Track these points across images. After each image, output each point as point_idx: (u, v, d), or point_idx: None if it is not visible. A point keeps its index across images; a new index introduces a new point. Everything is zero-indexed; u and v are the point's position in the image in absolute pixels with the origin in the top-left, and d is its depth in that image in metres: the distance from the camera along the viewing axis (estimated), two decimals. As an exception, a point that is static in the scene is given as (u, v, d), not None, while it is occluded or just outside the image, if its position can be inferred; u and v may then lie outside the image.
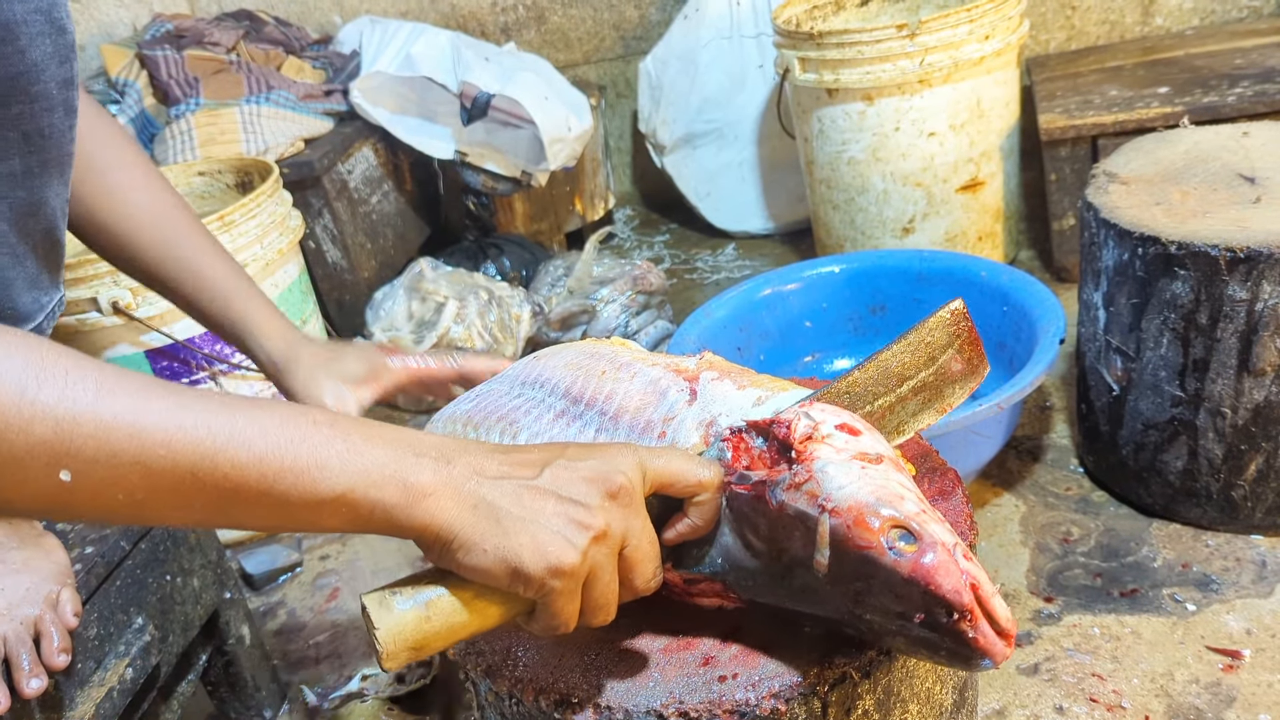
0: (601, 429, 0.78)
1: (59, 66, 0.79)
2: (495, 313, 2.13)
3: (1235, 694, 1.14)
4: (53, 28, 0.78)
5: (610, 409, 0.79)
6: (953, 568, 0.58)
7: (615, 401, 0.80)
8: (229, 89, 2.19)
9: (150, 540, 1.17)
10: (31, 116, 0.78)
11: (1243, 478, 1.33)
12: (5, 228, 0.81)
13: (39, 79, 0.78)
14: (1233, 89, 1.90)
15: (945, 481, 0.85)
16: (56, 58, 0.79)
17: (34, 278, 0.85)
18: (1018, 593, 1.35)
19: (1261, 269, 1.21)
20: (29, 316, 0.85)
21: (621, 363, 0.83)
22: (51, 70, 0.79)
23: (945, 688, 0.75)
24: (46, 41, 0.78)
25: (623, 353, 0.86)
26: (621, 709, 0.67)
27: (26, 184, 0.81)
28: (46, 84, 0.78)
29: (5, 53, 0.74)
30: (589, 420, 0.80)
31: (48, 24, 0.77)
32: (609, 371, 0.83)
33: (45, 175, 0.83)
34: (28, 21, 0.75)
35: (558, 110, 2.31)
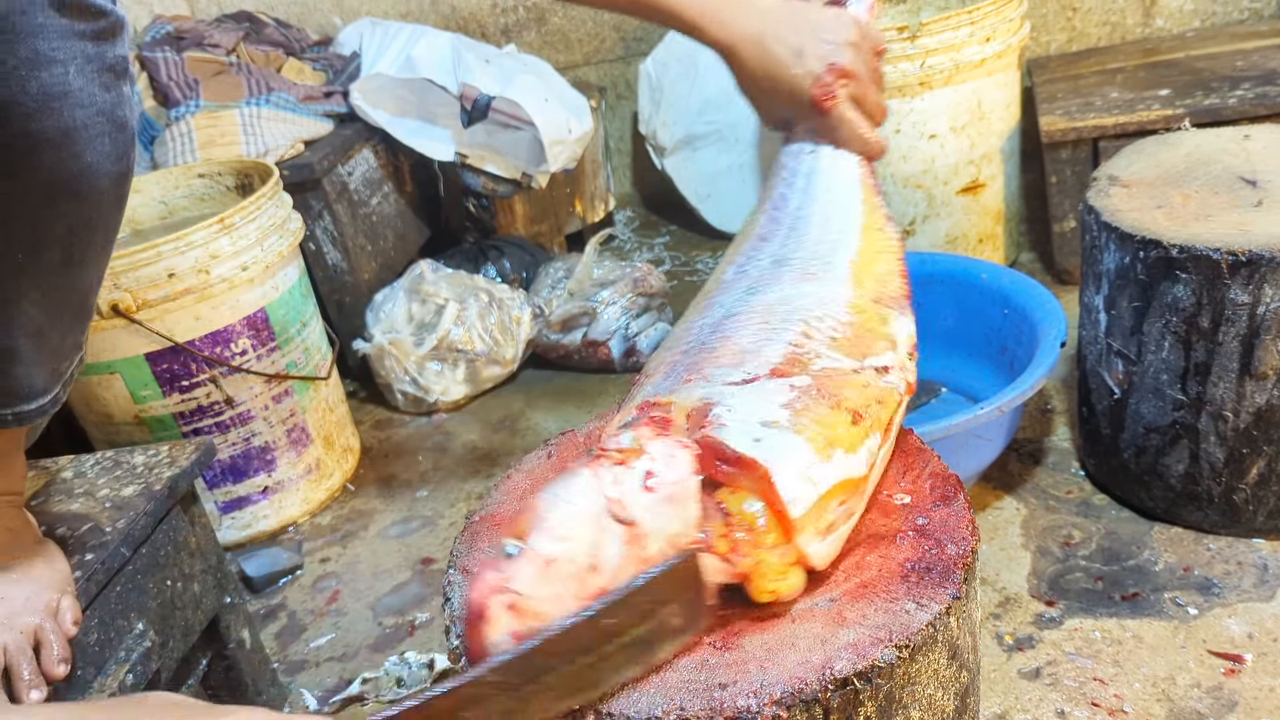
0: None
1: (115, 163, 0.78)
2: (495, 315, 2.12)
3: (1237, 698, 1.14)
4: (114, 126, 0.77)
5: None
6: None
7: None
8: (229, 91, 2.19)
9: (151, 545, 1.17)
10: (79, 213, 0.78)
11: (1244, 481, 1.33)
12: (35, 313, 0.80)
13: (93, 179, 0.77)
14: (1234, 91, 1.90)
15: (947, 486, 0.84)
16: (114, 155, 0.78)
17: (55, 351, 0.85)
18: (1019, 596, 1.35)
19: (1263, 272, 1.20)
20: (46, 390, 0.87)
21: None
22: (106, 168, 0.78)
23: (947, 694, 0.75)
24: (105, 141, 0.76)
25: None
26: (623, 715, 0.67)
27: (64, 272, 0.80)
28: (100, 182, 0.78)
29: (59, 158, 0.74)
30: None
31: (109, 124, 0.76)
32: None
33: (85, 261, 0.82)
34: (88, 126, 0.74)
35: (558, 112, 2.30)
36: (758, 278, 0.95)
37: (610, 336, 2.14)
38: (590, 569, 0.67)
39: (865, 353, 0.85)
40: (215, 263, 1.60)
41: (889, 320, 0.89)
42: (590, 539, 0.68)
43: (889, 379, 0.84)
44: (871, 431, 0.79)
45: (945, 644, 0.72)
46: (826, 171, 1.03)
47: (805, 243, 0.98)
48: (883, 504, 0.84)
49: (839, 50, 1.00)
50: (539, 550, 0.66)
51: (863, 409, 0.79)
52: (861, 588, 0.75)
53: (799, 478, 0.72)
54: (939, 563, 0.76)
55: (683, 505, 0.72)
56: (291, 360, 1.77)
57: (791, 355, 0.83)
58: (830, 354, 0.84)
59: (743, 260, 1.00)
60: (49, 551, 1.00)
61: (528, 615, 0.64)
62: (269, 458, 1.76)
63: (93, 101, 0.74)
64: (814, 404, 0.78)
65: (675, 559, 0.69)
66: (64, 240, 0.79)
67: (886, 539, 0.80)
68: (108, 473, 1.24)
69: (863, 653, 0.68)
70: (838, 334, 0.86)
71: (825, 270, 0.93)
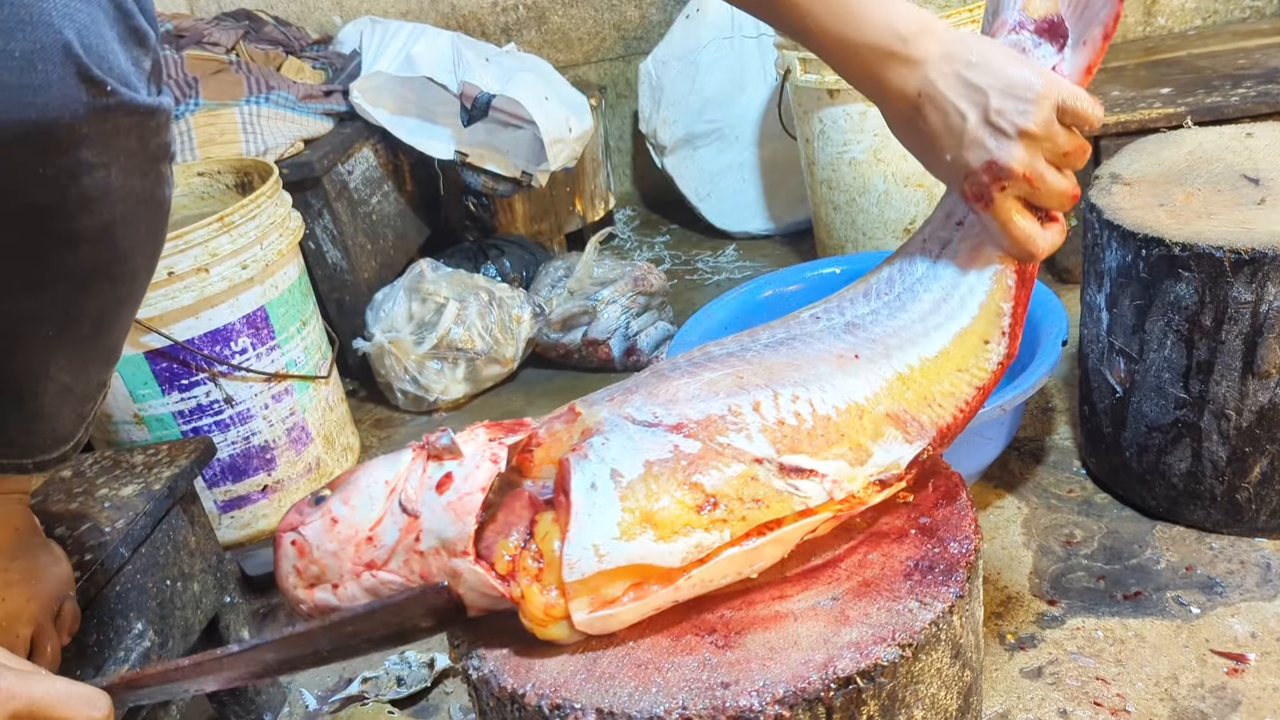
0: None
1: (150, 242, 0.79)
2: (495, 314, 2.12)
3: (1240, 698, 1.13)
4: (151, 208, 0.76)
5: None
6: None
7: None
8: (228, 89, 2.18)
9: (150, 545, 1.16)
10: (113, 292, 0.78)
11: (1247, 480, 1.32)
12: (67, 379, 0.80)
13: (127, 262, 0.77)
14: (1236, 89, 1.90)
15: (950, 485, 0.84)
16: (150, 235, 0.78)
17: (81, 398, 0.85)
18: (1021, 595, 1.34)
19: (1266, 270, 1.20)
20: (69, 436, 0.87)
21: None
22: (140, 248, 0.78)
23: (950, 692, 0.74)
24: (142, 226, 0.76)
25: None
26: (624, 714, 0.67)
27: (94, 340, 0.81)
28: (135, 264, 0.78)
29: (96, 250, 0.73)
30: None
31: (146, 207, 0.76)
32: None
33: (115, 327, 0.82)
34: (125, 217, 0.74)
35: (558, 111, 2.30)
36: (809, 333, 0.87)
37: (610, 335, 2.14)
38: (367, 540, 0.74)
39: (801, 450, 0.75)
40: (215, 261, 1.60)
41: (883, 440, 0.78)
42: (374, 515, 0.74)
43: (801, 486, 0.74)
44: (719, 527, 0.71)
45: (948, 643, 0.72)
46: (964, 254, 0.85)
47: (891, 324, 0.85)
48: (886, 502, 0.84)
49: (1009, 145, 0.77)
50: (330, 508, 0.75)
51: (722, 500, 0.72)
52: (864, 586, 0.74)
53: (586, 545, 0.70)
54: (942, 561, 0.75)
55: (462, 516, 0.73)
56: (291, 359, 1.77)
57: (712, 418, 0.76)
58: (753, 435, 0.75)
59: (831, 307, 0.90)
60: (52, 553, 0.99)
61: (308, 559, 0.75)
62: (269, 457, 1.75)
63: (132, 194, 0.73)
64: (667, 474, 0.72)
65: (426, 590, 0.73)
66: (95, 316, 0.79)
67: (889, 537, 0.80)
68: (107, 472, 1.24)
69: (866, 651, 0.68)
70: (792, 420, 0.77)
71: (874, 359, 0.82)
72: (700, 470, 0.73)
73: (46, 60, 0.63)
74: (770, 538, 0.73)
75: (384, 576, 0.75)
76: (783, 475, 0.74)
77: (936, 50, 0.78)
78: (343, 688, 1.42)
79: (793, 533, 0.74)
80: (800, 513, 0.74)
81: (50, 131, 0.65)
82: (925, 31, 0.79)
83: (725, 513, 0.72)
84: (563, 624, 0.72)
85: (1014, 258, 0.83)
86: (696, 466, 0.73)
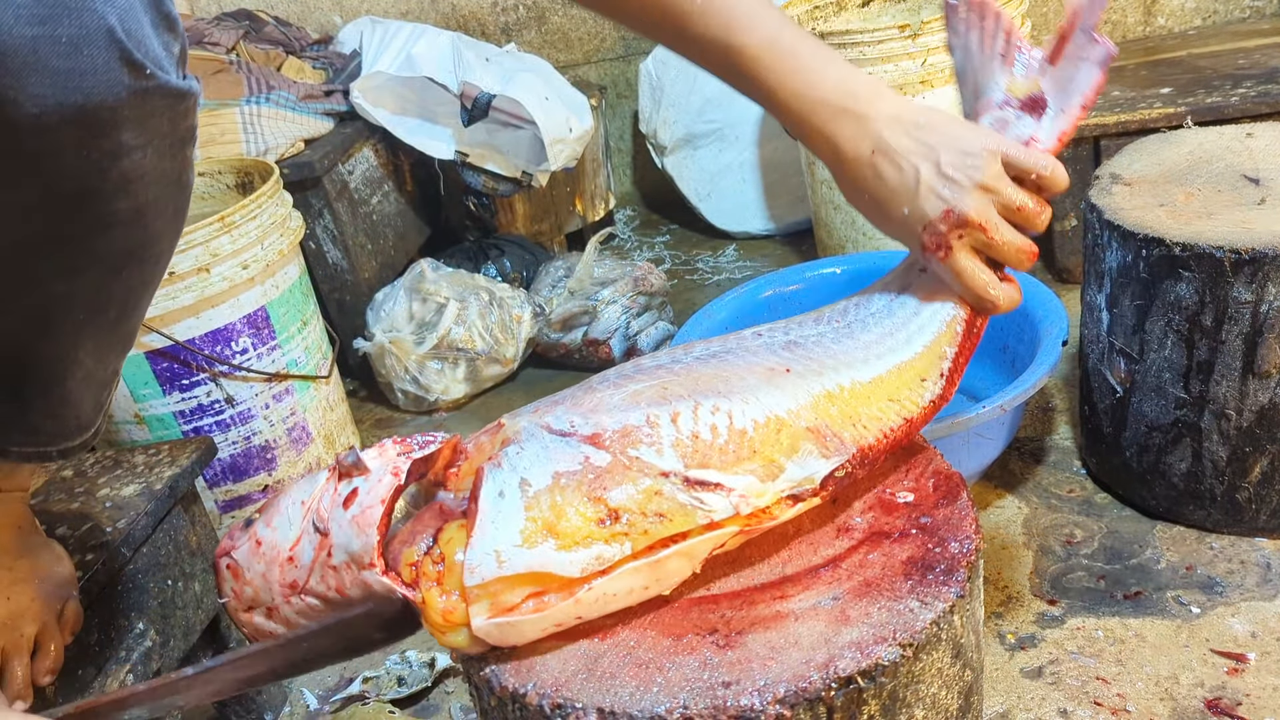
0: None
1: (174, 224, 0.80)
2: (496, 314, 2.12)
3: (1240, 697, 1.13)
4: (178, 190, 0.78)
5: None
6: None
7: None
8: (229, 89, 2.18)
9: (151, 545, 1.16)
10: (140, 275, 0.80)
11: (1247, 480, 1.32)
12: (91, 364, 0.82)
13: (156, 244, 0.79)
14: (1236, 89, 1.90)
15: (950, 485, 0.84)
16: (175, 217, 0.80)
17: (101, 382, 0.87)
18: (1021, 595, 1.34)
19: (1267, 270, 1.20)
20: (90, 424, 0.89)
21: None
22: (168, 232, 0.80)
23: (951, 692, 0.74)
24: (169, 207, 0.78)
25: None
26: (626, 714, 0.67)
27: (119, 324, 0.83)
28: (162, 246, 0.80)
29: (129, 232, 0.75)
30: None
31: (174, 189, 0.78)
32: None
33: (138, 310, 0.84)
34: (158, 199, 0.76)
35: (558, 111, 2.30)
36: (746, 348, 0.87)
37: (611, 335, 2.14)
38: (288, 560, 0.77)
39: (710, 465, 0.75)
40: (215, 261, 1.60)
41: (798, 455, 0.77)
42: (293, 536, 0.77)
43: (706, 500, 0.74)
44: (620, 540, 0.71)
45: (949, 642, 0.72)
46: (921, 296, 0.87)
47: (834, 347, 0.86)
48: (886, 502, 0.84)
49: (963, 194, 0.79)
50: (256, 531, 0.78)
51: (625, 513, 0.72)
52: (865, 586, 0.75)
53: (488, 550, 0.70)
54: (942, 561, 0.75)
55: (365, 529, 0.74)
56: (292, 359, 1.77)
57: (628, 429, 0.76)
58: (664, 449, 0.75)
59: (777, 327, 0.91)
60: (55, 552, 1.00)
61: (241, 581, 0.79)
62: (269, 456, 1.75)
63: (164, 176, 0.75)
64: (574, 486, 0.73)
65: (377, 603, 0.74)
66: (122, 299, 0.80)
67: (890, 537, 0.80)
68: (108, 472, 1.24)
69: (867, 651, 0.68)
70: (706, 435, 0.76)
71: (805, 375, 0.82)
72: (606, 484, 0.73)
73: (92, 45, 0.65)
74: (673, 550, 0.73)
75: (309, 600, 0.77)
76: (688, 489, 0.74)
77: (888, 110, 0.82)
78: (344, 687, 1.42)
79: (698, 546, 0.74)
80: (705, 526, 0.74)
81: (95, 114, 0.67)
82: (877, 94, 0.82)
83: (627, 526, 0.72)
84: (463, 631, 0.72)
85: (970, 308, 0.85)
86: (603, 480, 0.73)
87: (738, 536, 0.76)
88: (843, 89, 0.82)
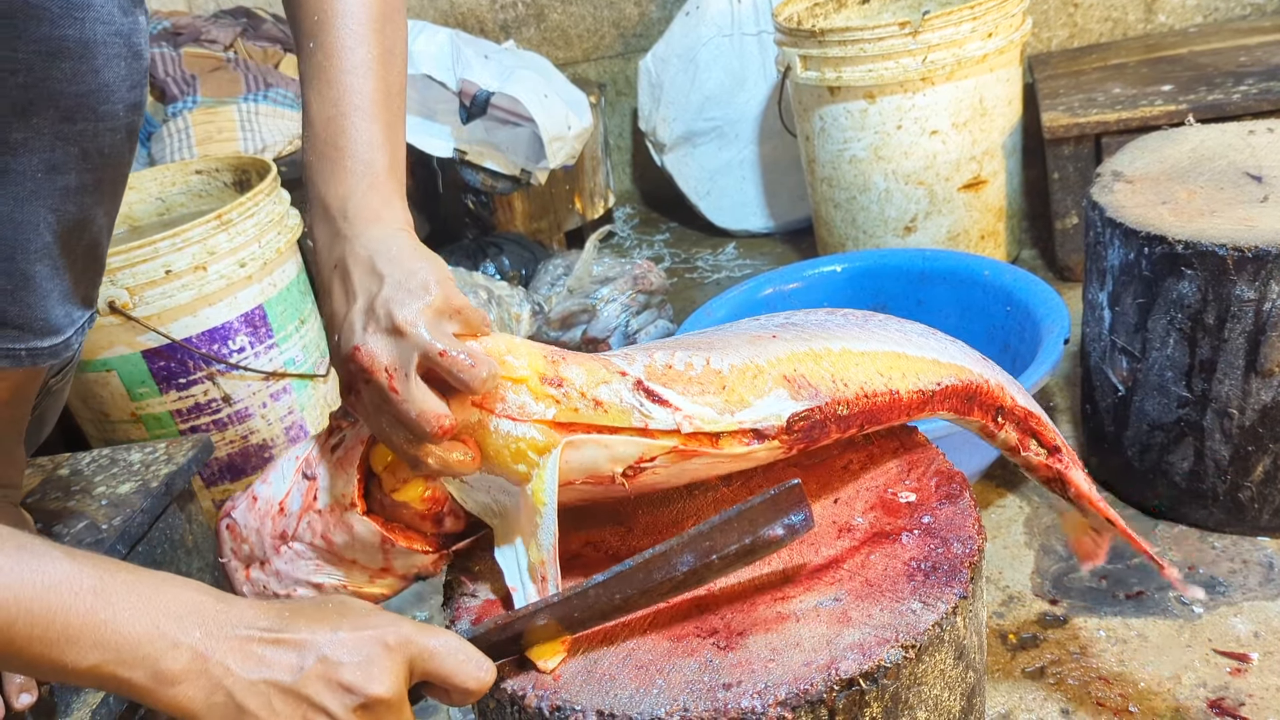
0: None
1: (129, 90, 0.80)
2: (495, 312, 2.11)
3: (1243, 698, 1.13)
4: (129, 52, 0.78)
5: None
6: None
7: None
8: (226, 87, 2.18)
9: (147, 543, 1.16)
10: (95, 135, 0.79)
11: (1250, 479, 1.32)
12: (50, 239, 0.81)
13: (108, 99, 0.78)
14: (1237, 87, 1.89)
15: (952, 484, 0.84)
16: (128, 81, 0.79)
17: (69, 292, 0.85)
18: (1022, 595, 1.34)
19: (1269, 268, 1.19)
20: (59, 329, 0.85)
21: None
22: (121, 93, 0.79)
23: (953, 694, 0.74)
24: (121, 65, 0.78)
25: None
26: (625, 716, 0.66)
27: (78, 200, 0.81)
28: (115, 105, 0.79)
29: (80, 70, 0.75)
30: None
31: (125, 47, 0.78)
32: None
33: (98, 194, 0.83)
34: (106, 43, 0.76)
35: (557, 108, 2.29)
36: (741, 327, 0.88)
37: (610, 334, 2.13)
38: (279, 511, 0.79)
39: (671, 387, 0.75)
40: (213, 259, 1.59)
41: (767, 396, 0.75)
42: (284, 489, 0.80)
43: (648, 407, 0.73)
44: (550, 403, 0.72)
45: (952, 644, 0.71)
46: (954, 344, 0.89)
47: (835, 330, 0.85)
48: (888, 502, 0.83)
49: (375, 336, 0.69)
50: (254, 489, 0.82)
51: (567, 385, 0.73)
52: (867, 587, 0.74)
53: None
54: (945, 561, 0.75)
55: (346, 469, 0.77)
56: (290, 358, 1.76)
57: (606, 356, 0.79)
58: (635, 361, 0.76)
59: (783, 313, 0.93)
60: None
61: (239, 539, 0.81)
62: (267, 455, 1.75)
63: (112, 20, 0.76)
64: (540, 348, 0.76)
65: (774, 489, 0.72)
66: (79, 165, 0.79)
67: (892, 537, 0.79)
68: (104, 470, 1.23)
69: (868, 653, 0.67)
70: (680, 367, 0.76)
71: (790, 340, 0.81)
72: (565, 356, 0.76)
73: None
74: (594, 438, 0.72)
75: (297, 548, 0.79)
76: (636, 391, 0.74)
77: (370, 234, 0.74)
78: (341, 687, 1.41)
79: (622, 445, 0.72)
80: (639, 429, 0.73)
81: None
82: (377, 220, 0.76)
83: (562, 395, 0.73)
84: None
85: (986, 382, 0.85)
86: (564, 354, 0.76)
87: (672, 457, 0.74)
88: (355, 205, 0.76)
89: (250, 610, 0.63)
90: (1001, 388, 0.86)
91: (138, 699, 0.60)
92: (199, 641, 0.60)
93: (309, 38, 0.79)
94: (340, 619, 0.65)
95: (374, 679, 0.63)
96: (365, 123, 0.77)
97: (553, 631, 0.71)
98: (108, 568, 0.61)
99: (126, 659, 0.59)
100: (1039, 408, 0.90)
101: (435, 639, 0.66)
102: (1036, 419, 0.88)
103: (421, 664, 0.66)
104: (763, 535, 0.72)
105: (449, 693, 0.68)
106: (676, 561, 0.71)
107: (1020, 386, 0.90)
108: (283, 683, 0.61)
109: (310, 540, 0.78)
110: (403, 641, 0.65)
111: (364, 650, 0.64)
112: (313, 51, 0.79)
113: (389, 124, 0.79)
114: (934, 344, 0.86)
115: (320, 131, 0.77)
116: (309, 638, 0.63)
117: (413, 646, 0.65)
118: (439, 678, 0.66)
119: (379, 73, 0.79)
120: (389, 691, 0.63)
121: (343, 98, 0.77)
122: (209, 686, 0.60)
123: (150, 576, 0.62)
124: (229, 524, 0.82)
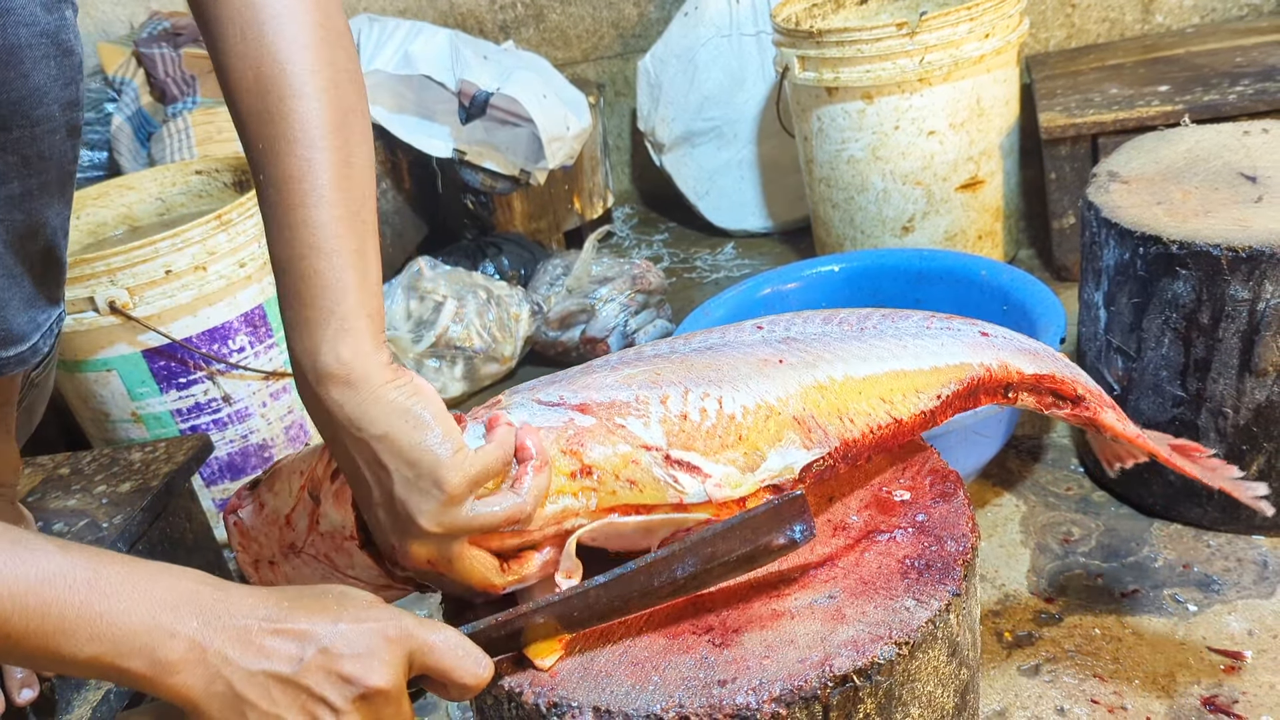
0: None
1: (63, 89, 0.78)
2: (494, 312, 2.12)
3: (1237, 695, 1.14)
4: (58, 50, 0.77)
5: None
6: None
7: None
8: (226, 87, 2.18)
9: (147, 542, 1.16)
10: (32, 140, 0.77)
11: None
12: (1, 249, 0.79)
13: (41, 102, 0.76)
14: (1233, 87, 1.90)
15: (947, 483, 0.84)
16: (60, 80, 0.77)
17: (31, 297, 0.84)
18: (1018, 593, 1.34)
19: (1263, 268, 1.20)
20: (24, 337, 0.84)
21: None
22: (54, 93, 0.77)
23: (947, 691, 0.74)
24: (51, 64, 0.76)
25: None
26: (621, 712, 0.67)
27: (25, 206, 0.80)
28: (49, 107, 0.77)
29: (7, 77, 0.73)
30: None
31: (53, 46, 0.76)
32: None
33: (45, 196, 0.81)
34: (32, 45, 0.74)
35: (556, 109, 2.30)
36: (744, 341, 0.88)
37: (609, 333, 2.14)
38: (286, 523, 0.80)
39: (694, 448, 0.76)
40: (213, 259, 1.59)
41: (781, 444, 0.77)
42: (289, 503, 0.80)
43: (681, 479, 0.75)
44: (589, 494, 0.74)
45: (945, 641, 0.72)
46: (953, 338, 0.89)
47: (836, 346, 0.85)
48: (883, 500, 0.84)
49: (414, 546, 0.72)
50: (260, 495, 0.83)
51: (597, 471, 0.74)
52: (861, 584, 0.75)
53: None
54: (939, 559, 0.75)
55: (343, 504, 0.77)
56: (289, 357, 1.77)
57: (616, 403, 0.78)
58: (651, 423, 0.76)
59: (780, 320, 0.92)
60: None
61: (248, 538, 0.83)
62: (266, 455, 1.75)
63: (35, 21, 0.73)
64: (553, 438, 0.75)
65: (777, 500, 0.74)
66: (20, 172, 0.78)
67: (886, 535, 0.80)
68: (104, 469, 1.23)
69: (862, 650, 0.68)
70: (695, 416, 0.77)
71: (797, 367, 0.82)
72: (585, 440, 0.75)
73: None
74: (636, 520, 0.75)
75: (305, 557, 0.80)
76: (666, 465, 0.75)
77: (349, 403, 0.71)
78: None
79: (660, 523, 0.75)
80: (674, 505, 0.75)
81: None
82: (365, 378, 0.72)
83: (596, 483, 0.74)
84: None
85: (989, 372, 0.85)
86: (582, 437, 0.75)
87: (704, 522, 0.76)
88: (324, 362, 0.72)
89: (250, 598, 0.64)
90: (1005, 365, 0.86)
91: (140, 688, 0.60)
92: (196, 631, 0.60)
93: (258, 170, 0.73)
94: (341, 610, 0.65)
95: (374, 671, 0.63)
96: (323, 262, 0.71)
97: (551, 630, 0.72)
98: (102, 559, 0.61)
99: (124, 650, 0.59)
100: (1055, 361, 0.89)
101: (435, 633, 0.67)
102: (1050, 378, 0.87)
103: (421, 658, 0.66)
104: (764, 544, 0.73)
105: (447, 687, 0.68)
106: (677, 566, 0.72)
107: (1030, 346, 0.89)
108: (282, 673, 0.62)
109: (315, 555, 0.79)
110: (403, 635, 0.66)
111: (365, 642, 0.64)
112: (264, 186, 0.73)
113: (356, 250, 0.72)
114: (932, 345, 0.86)
115: (281, 279, 0.73)
116: (309, 628, 0.63)
117: (413, 640, 0.66)
118: (438, 672, 0.67)
119: (334, 197, 0.72)
120: (388, 684, 0.64)
121: (296, 237, 0.71)
122: (208, 676, 0.60)
123: (145, 566, 0.62)
124: (236, 522, 0.83)
